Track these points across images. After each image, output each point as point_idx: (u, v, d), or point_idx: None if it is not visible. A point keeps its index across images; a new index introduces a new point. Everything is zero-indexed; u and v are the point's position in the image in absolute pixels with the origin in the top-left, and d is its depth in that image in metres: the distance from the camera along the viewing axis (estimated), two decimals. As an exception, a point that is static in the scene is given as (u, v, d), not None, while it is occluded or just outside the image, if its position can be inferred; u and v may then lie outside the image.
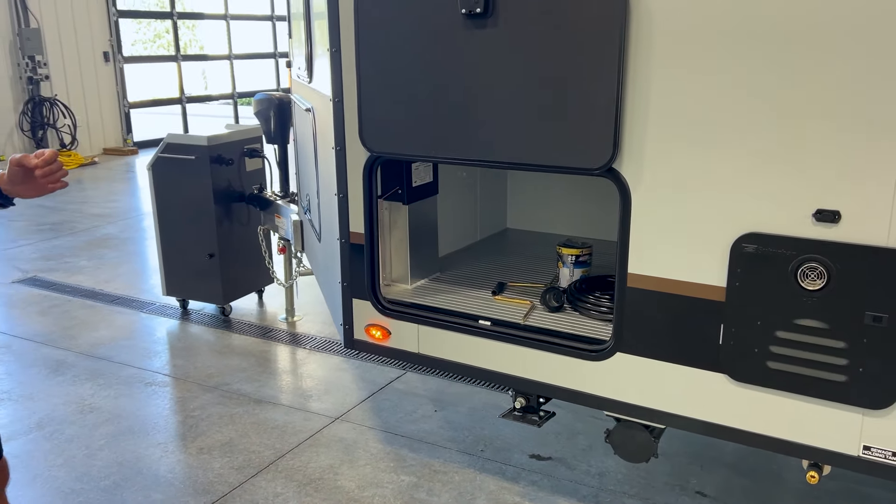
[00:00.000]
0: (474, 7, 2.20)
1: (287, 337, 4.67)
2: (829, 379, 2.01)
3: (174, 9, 12.94)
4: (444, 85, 2.35)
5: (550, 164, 2.29)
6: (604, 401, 2.39)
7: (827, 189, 1.93)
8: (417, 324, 2.68)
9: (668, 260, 2.18)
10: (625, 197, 2.19)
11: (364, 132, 2.55)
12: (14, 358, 4.37)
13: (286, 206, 4.52)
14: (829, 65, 1.86)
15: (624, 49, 2.07)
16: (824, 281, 1.96)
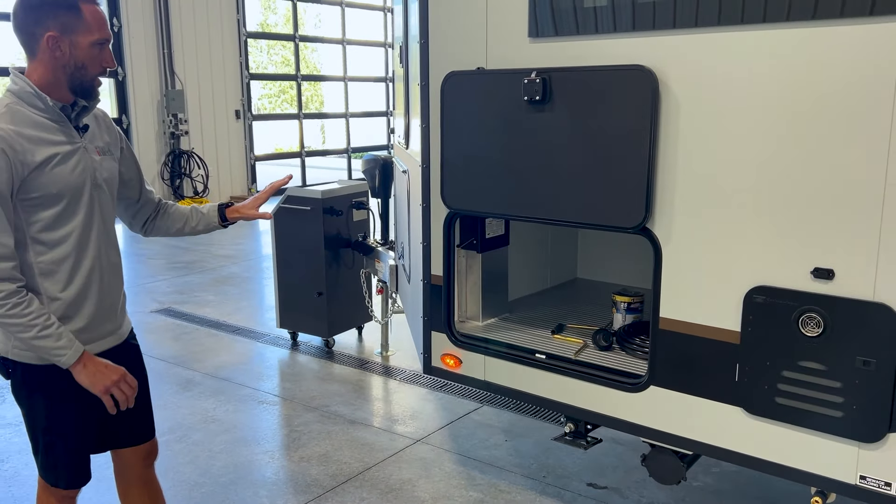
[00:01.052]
0: (534, 96, 2.71)
1: (381, 369, 5.22)
2: (828, 414, 2.32)
3: (298, 71, 14.22)
4: (509, 156, 2.85)
5: (596, 223, 2.74)
6: (639, 428, 2.76)
7: (823, 250, 2.28)
8: (485, 355, 3.15)
9: (693, 307, 2.56)
10: (657, 252, 2.60)
11: (444, 192, 3.09)
12: (151, 374, 5.06)
13: (385, 252, 5.11)
14: (824, 147, 2.23)
15: (654, 130, 2.51)
16: (821, 329, 2.30)
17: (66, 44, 2.05)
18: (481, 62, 2.93)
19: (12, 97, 2.07)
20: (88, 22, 2.06)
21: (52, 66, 2.06)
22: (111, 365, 2.17)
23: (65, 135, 2.11)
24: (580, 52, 2.67)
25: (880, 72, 2.11)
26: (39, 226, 2.08)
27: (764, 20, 2.27)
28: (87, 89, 2.12)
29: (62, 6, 2.03)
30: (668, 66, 2.47)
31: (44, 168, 2.04)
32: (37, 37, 2.04)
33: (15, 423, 4.34)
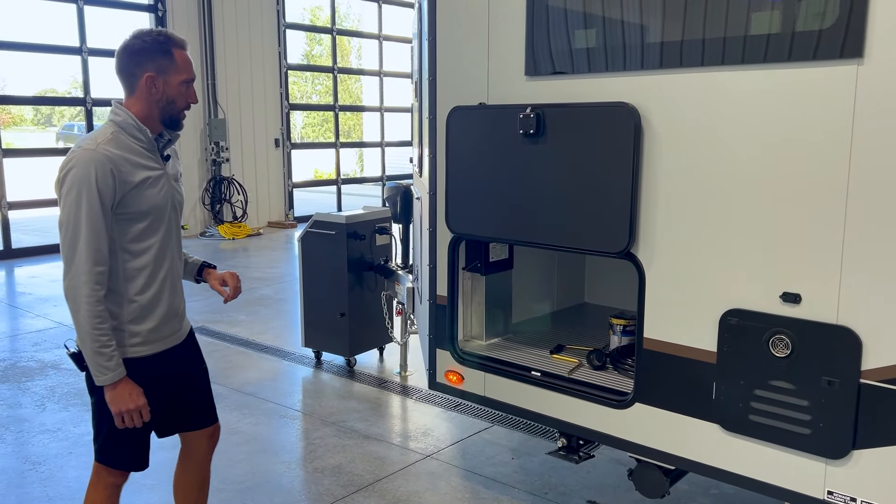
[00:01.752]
0: (529, 129, 2.92)
1: (399, 388, 5.42)
2: (797, 431, 2.45)
3: (336, 102, 14.68)
4: (507, 184, 3.06)
5: (584, 248, 2.93)
6: (626, 443, 2.91)
7: (791, 276, 2.43)
8: (485, 371, 3.33)
9: (674, 327, 2.71)
10: (641, 275, 2.77)
11: (448, 217, 3.30)
12: (182, 388, 5.40)
13: (404, 275, 5.33)
14: (791, 180, 2.39)
15: (637, 161, 2.70)
16: (790, 350, 2.44)
17: (161, 83, 2.42)
18: (483, 97, 3.16)
19: (115, 126, 2.41)
20: (179, 64, 2.44)
21: (148, 102, 2.43)
22: (135, 394, 2.43)
23: (155, 161, 2.47)
24: (571, 90, 2.88)
25: (840, 111, 2.27)
26: (129, 237, 2.41)
27: (741, 61, 2.45)
28: (174, 120, 2.51)
29: (158, 51, 2.41)
30: (649, 103, 2.66)
31: (139, 188, 2.38)
32: (137, 77, 2.41)
33: (53, 429, 4.64)
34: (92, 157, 2.30)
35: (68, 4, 10.74)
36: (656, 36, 2.65)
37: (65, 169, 2.32)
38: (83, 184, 2.28)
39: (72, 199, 2.29)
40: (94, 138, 2.36)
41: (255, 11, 12.81)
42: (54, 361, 5.94)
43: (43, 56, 11.44)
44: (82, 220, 2.28)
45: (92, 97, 11.04)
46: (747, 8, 2.43)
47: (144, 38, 2.42)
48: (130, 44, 2.42)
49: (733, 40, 2.45)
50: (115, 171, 2.32)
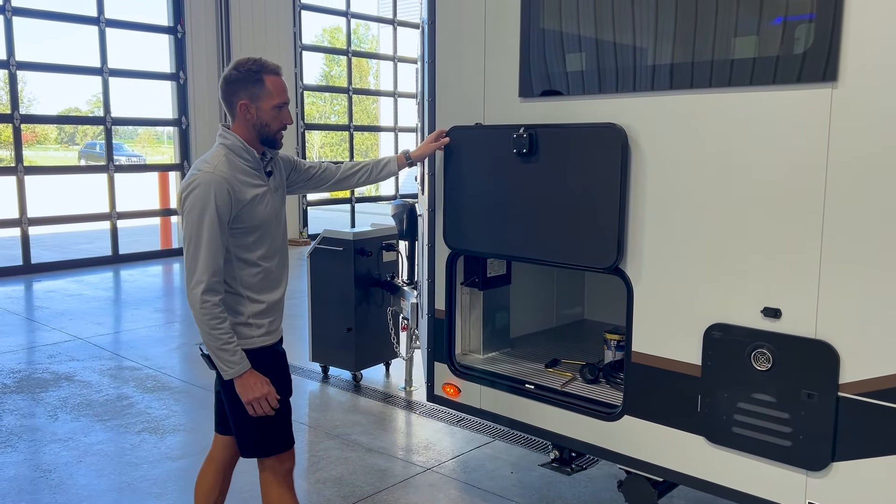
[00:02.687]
0: (522, 148, 3.02)
1: (403, 403, 5.49)
2: (779, 443, 2.50)
3: (351, 122, 14.90)
4: (501, 202, 3.16)
5: (575, 264, 3.01)
6: (615, 455, 2.97)
7: (772, 291, 2.50)
8: (480, 384, 3.41)
9: (660, 341, 2.79)
10: (629, 290, 2.85)
11: (446, 234, 3.40)
12: (191, 400, 5.51)
13: (409, 291, 5.43)
14: (771, 198, 2.47)
15: (625, 180, 2.79)
16: (771, 363, 2.50)
17: (254, 108, 2.64)
18: (479, 118, 3.27)
19: (226, 149, 2.64)
20: (270, 90, 2.64)
21: (246, 126, 2.66)
22: (261, 383, 2.64)
23: (260, 179, 2.70)
24: (563, 111, 2.98)
25: (817, 134, 2.35)
26: (244, 247, 2.66)
27: (728, 84, 2.54)
28: (271, 141, 2.72)
29: (250, 80, 2.63)
30: (636, 124, 2.76)
31: (250, 205, 2.62)
32: (234, 104, 2.65)
33: (64, 438, 4.76)
34: (211, 179, 2.53)
35: (90, 27, 11.03)
36: (644, 59, 2.75)
37: (187, 190, 2.55)
38: (204, 203, 2.51)
39: (193, 217, 2.52)
40: (210, 161, 2.60)
41: (273, 33, 13.07)
42: (68, 373, 6.08)
43: (65, 76, 11.73)
44: (203, 236, 2.51)
45: (112, 116, 11.30)
46: (730, 34, 2.52)
47: (239, 69, 2.64)
48: (228, 74, 2.65)
49: (718, 64, 2.55)
50: (231, 191, 2.55)
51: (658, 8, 2.68)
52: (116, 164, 11.50)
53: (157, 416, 5.15)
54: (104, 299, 9.13)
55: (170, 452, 4.58)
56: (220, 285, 2.56)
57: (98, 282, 10.18)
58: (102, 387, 5.76)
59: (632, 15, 2.76)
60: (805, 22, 2.37)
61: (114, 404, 5.37)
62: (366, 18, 15.98)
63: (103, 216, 11.44)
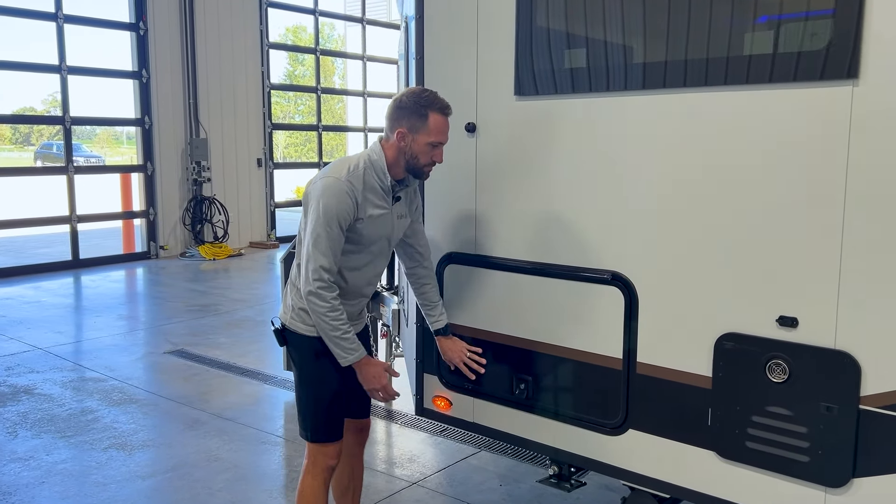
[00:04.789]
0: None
1: (383, 412, 5.31)
2: (795, 459, 2.39)
3: (320, 122, 14.64)
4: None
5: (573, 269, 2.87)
6: (618, 470, 2.84)
7: (788, 299, 2.38)
8: (473, 396, 3.25)
9: (668, 352, 2.66)
10: (631, 298, 2.72)
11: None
12: (160, 414, 5.26)
13: (389, 296, 5.24)
14: (788, 200, 2.36)
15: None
16: (787, 375, 2.38)
17: (410, 139, 2.74)
18: (471, 118, 3.11)
19: (368, 164, 2.78)
20: (431, 128, 2.73)
21: (397, 152, 2.78)
22: (380, 371, 2.90)
23: (385, 202, 2.82)
24: (562, 111, 2.83)
25: (836, 132, 2.24)
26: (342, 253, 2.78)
27: (745, 81, 2.41)
28: (417, 172, 2.84)
29: (415, 112, 2.73)
30: (644, 124, 2.62)
31: (366, 221, 2.76)
32: (393, 129, 2.76)
33: (24, 457, 4.48)
34: (340, 186, 2.69)
35: (48, 23, 10.63)
36: (655, 55, 2.61)
37: (318, 188, 2.71)
38: (330, 206, 2.67)
39: (318, 215, 2.68)
40: (349, 169, 2.73)
41: (239, 31, 12.76)
42: (27, 386, 5.77)
43: (21, 74, 11.29)
44: (322, 236, 2.68)
45: (71, 116, 10.90)
46: (745, 29, 2.40)
47: (409, 97, 2.74)
48: (400, 98, 2.76)
49: (733, 61, 2.42)
50: (354, 201, 2.70)
51: (670, 1, 2.54)
52: (76, 166, 11.09)
53: (125, 431, 4.89)
54: (64, 306, 8.77)
55: (139, 470, 4.34)
56: (334, 281, 2.72)
57: (57, 288, 9.79)
58: (65, 400, 5.47)
59: (643, 8, 2.63)
60: (825, 17, 2.26)
61: (78, 419, 5.10)
62: (334, 17, 15.72)
63: (62, 219, 11.02)
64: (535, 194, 2.96)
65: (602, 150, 2.75)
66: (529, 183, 2.96)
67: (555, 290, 2.93)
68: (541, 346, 2.99)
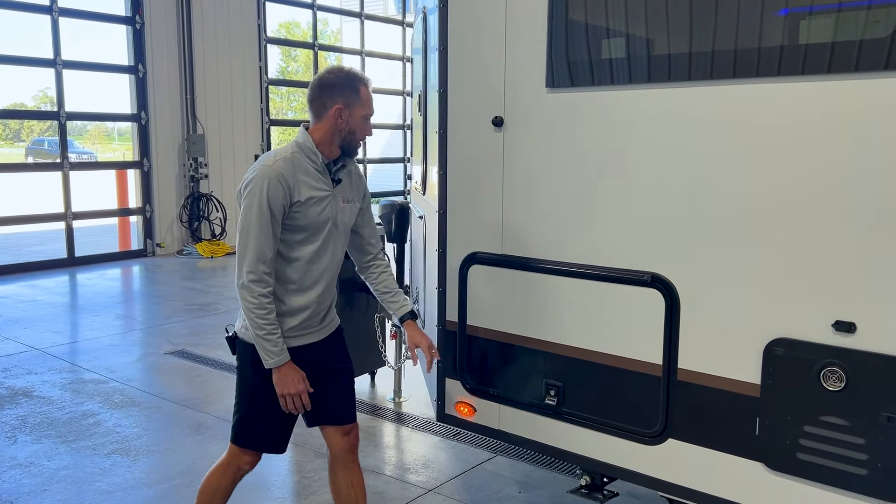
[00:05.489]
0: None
1: (393, 415, 5.17)
2: (852, 471, 2.26)
3: (318, 117, 14.46)
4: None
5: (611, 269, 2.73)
6: (657, 482, 2.70)
7: (844, 303, 2.25)
8: (499, 403, 3.11)
9: (712, 358, 2.52)
10: (673, 301, 2.58)
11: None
12: (163, 417, 5.10)
13: (400, 297, 5.10)
14: (847, 199, 2.22)
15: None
16: (844, 383, 2.25)
17: (347, 114, 2.68)
18: (499, 111, 2.97)
19: (297, 148, 2.70)
20: (363, 100, 2.71)
21: (332, 130, 2.70)
22: (297, 379, 2.70)
23: (324, 184, 2.72)
24: (600, 105, 2.69)
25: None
26: (284, 245, 2.69)
27: (801, 72, 2.28)
28: (352, 149, 2.78)
29: (348, 87, 2.68)
30: (689, 116, 2.49)
31: (304, 205, 2.64)
32: (327, 107, 2.68)
33: (25, 464, 4.32)
34: (268, 172, 2.60)
35: (42, 16, 10.42)
36: (701, 45, 2.48)
37: (246, 181, 2.63)
38: (257, 194, 2.58)
39: (247, 206, 2.59)
40: (275, 156, 2.65)
41: (236, 25, 12.57)
42: (26, 388, 5.60)
43: (8, 69, 11.06)
44: (253, 225, 2.58)
45: (66, 111, 10.69)
46: (800, 15, 2.27)
47: (337, 74, 2.71)
48: (324, 77, 2.71)
49: (787, 50, 2.29)
50: (285, 186, 2.60)
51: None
52: (71, 162, 10.89)
53: (128, 436, 4.73)
54: (61, 305, 8.58)
55: (144, 477, 4.18)
56: (269, 276, 2.63)
57: (53, 286, 9.60)
58: (65, 403, 5.30)
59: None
60: (888, 5, 2.13)
61: (78, 423, 4.93)
62: (332, 11, 15.54)
63: (57, 216, 10.82)
64: (567, 191, 2.82)
65: (641, 144, 2.62)
66: (561, 179, 2.83)
67: (589, 293, 2.79)
68: (574, 351, 2.85)
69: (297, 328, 2.78)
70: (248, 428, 2.84)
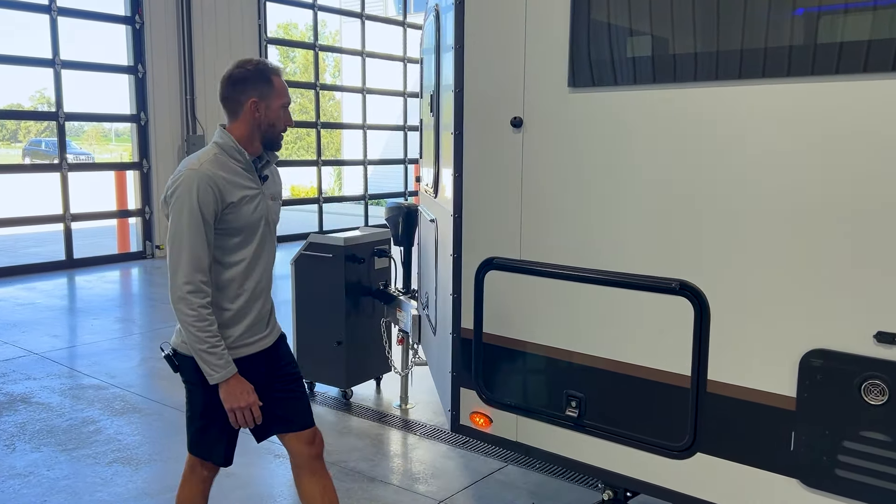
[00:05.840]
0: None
1: (400, 423, 5.06)
2: (894, 489, 2.15)
3: (318, 119, 14.35)
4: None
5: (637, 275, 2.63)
6: (684, 497, 2.60)
7: (887, 313, 2.14)
8: (517, 414, 3.01)
9: (744, 369, 2.42)
10: (702, 309, 2.48)
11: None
12: (164, 425, 4.98)
13: (407, 301, 5.00)
14: (887, 205, 2.12)
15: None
16: (886, 397, 2.15)
17: (263, 107, 2.59)
18: (518, 111, 2.86)
19: (218, 148, 2.58)
20: (278, 89, 2.61)
21: (251, 125, 2.60)
22: (246, 392, 2.58)
23: (252, 182, 2.62)
24: (627, 105, 2.59)
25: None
26: (222, 250, 2.58)
27: (837, 71, 2.18)
28: (275, 141, 2.67)
29: (260, 79, 2.59)
30: (723, 117, 2.38)
31: (236, 206, 2.54)
32: (241, 103, 2.58)
33: (24, 473, 4.20)
34: (195, 175, 2.47)
35: (41, 15, 10.29)
36: (737, 42, 2.37)
37: (172, 187, 2.50)
38: (186, 200, 2.45)
39: (176, 215, 2.46)
40: (198, 159, 2.53)
41: (236, 25, 12.45)
42: (24, 394, 5.48)
43: (7, 69, 10.93)
44: (185, 233, 2.46)
45: (65, 111, 10.57)
46: (867, 9, 2.17)
47: (246, 67, 2.61)
48: (234, 73, 2.60)
49: (821, 49, 2.19)
50: (215, 189, 2.48)
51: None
52: (70, 163, 10.77)
53: (129, 444, 4.62)
54: (59, 308, 8.45)
55: (147, 487, 4.07)
56: (207, 286, 2.50)
57: (52, 289, 9.47)
58: (64, 410, 5.19)
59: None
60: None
61: (79, 430, 4.82)
62: (333, 11, 15.43)
63: (56, 218, 10.69)
64: (590, 193, 2.71)
65: (671, 146, 2.51)
66: (584, 181, 2.72)
67: (612, 300, 2.68)
68: (596, 361, 2.74)
69: (243, 336, 2.66)
70: (203, 438, 2.74)
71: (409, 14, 16.11)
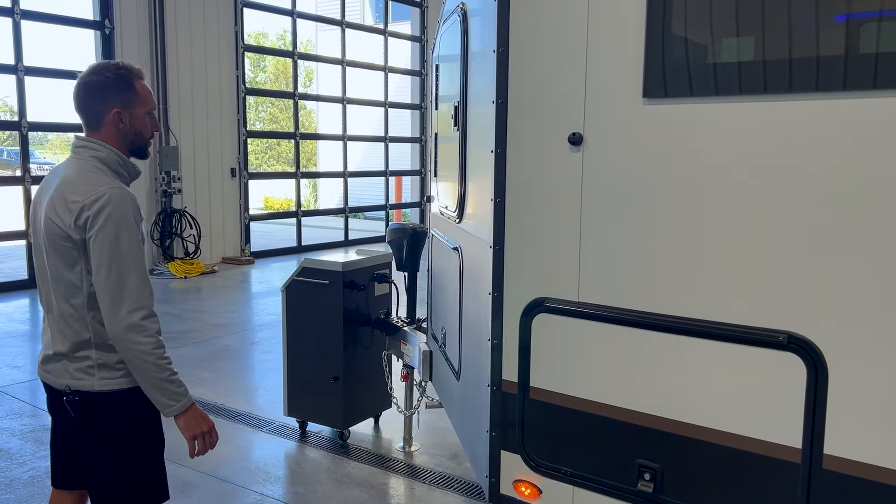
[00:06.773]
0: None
1: (405, 469, 4.55)
2: None
3: (297, 129, 13.81)
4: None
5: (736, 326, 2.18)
6: None
7: None
8: (573, 485, 2.54)
9: (874, 443, 1.98)
10: (818, 370, 2.04)
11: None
12: (140, 473, 4.42)
13: (413, 333, 4.51)
14: None
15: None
16: None
17: (127, 116, 2.40)
18: (577, 126, 2.41)
19: (99, 162, 2.36)
20: (142, 96, 2.44)
21: (116, 136, 2.41)
22: (203, 415, 2.43)
23: None
24: (715, 119, 2.15)
25: None
26: None
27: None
28: (143, 150, 2.52)
29: (122, 86, 2.39)
30: (845, 138, 1.96)
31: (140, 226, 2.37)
32: (103, 113, 2.38)
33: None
34: (121, 193, 2.30)
35: (2, 18, 9.65)
36: (868, 45, 1.95)
37: (93, 208, 2.25)
38: (122, 220, 2.27)
39: (110, 237, 2.25)
40: (96, 176, 2.32)
41: (212, 32, 11.89)
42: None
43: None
44: (126, 255, 2.27)
45: (28, 121, 9.91)
46: None
47: (105, 74, 2.39)
48: (91, 80, 2.38)
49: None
50: (137, 207, 2.35)
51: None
52: (34, 175, 10.10)
53: (100, 500, 4.04)
54: (21, 334, 7.79)
55: None
56: (154, 309, 2.33)
57: (12, 311, 8.79)
58: (25, 457, 4.59)
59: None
60: None
61: (42, 482, 4.23)
62: (312, 18, 14.94)
63: (17, 234, 10.01)
64: (669, 225, 2.27)
65: (774, 167, 2.08)
66: (662, 210, 2.27)
67: (698, 354, 2.23)
68: (677, 427, 2.29)
69: None
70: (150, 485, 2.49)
71: (389, 24, 15.67)
